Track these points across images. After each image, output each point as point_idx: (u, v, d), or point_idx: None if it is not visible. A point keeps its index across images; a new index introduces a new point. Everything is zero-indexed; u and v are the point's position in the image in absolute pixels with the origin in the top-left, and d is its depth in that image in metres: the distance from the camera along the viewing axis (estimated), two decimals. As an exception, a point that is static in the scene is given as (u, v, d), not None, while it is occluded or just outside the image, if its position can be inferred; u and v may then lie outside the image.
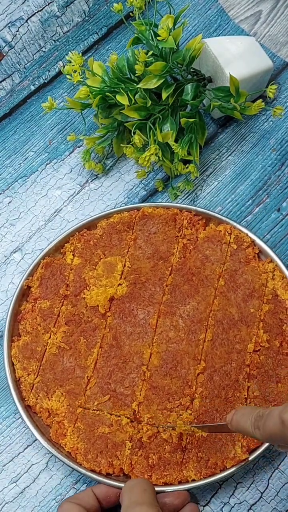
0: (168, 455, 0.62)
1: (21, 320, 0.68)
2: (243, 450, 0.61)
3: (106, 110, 0.73)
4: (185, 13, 0.83)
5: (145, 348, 0.66)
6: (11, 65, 0.82)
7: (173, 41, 0.67)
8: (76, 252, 0.71)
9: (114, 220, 0.72)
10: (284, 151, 0.77)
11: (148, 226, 0.71)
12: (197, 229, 0.71)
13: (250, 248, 0.70)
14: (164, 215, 0.71)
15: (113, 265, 0.69)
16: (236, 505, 0.64)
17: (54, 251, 0.71)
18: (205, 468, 0.62)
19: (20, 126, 0.80)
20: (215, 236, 0.70)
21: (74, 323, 0.67)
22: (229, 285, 0.68)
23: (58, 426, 0.64)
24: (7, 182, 0.77)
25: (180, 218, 0.71)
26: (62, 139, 0.79)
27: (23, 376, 0.66)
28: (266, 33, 0.84)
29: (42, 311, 0.68)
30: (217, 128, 0.79)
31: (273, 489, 0.64)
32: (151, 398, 0.64)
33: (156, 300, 0.68)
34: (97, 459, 0.62)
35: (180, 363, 0.65)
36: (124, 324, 0.67)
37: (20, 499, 0.64)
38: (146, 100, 0.70)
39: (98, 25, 0.84)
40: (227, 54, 0.73)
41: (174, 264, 0.69)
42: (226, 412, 0.63)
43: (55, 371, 0.66)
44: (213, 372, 0.64)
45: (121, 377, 0.65)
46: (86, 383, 0.65)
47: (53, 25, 0.83)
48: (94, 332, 0.67)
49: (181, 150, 0.69)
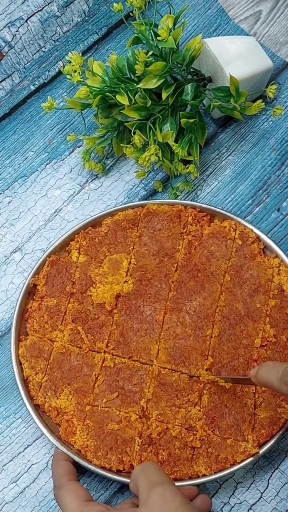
0: (178, 451, 0.62)
1: (28, 318, 0.69)
2: (253, 445, 0.62)
3: (106, 110, 0.73)
4: (185, 13, 0.83)
5: (153, 344, 0.66)
6: (11, 65, 0.82)
7: (173, 41, 0.67)
8: (81, 250, 0.71)
9: (119, 218, 0.72)
10: (284, 151, 0.77)
11: (153, 223, 0.71)
12: (202, 226, 0.71)
13: (255, 243, 0.70)
14: (168, 212, 0.72)
15: (119, 262, 0.70)
16: (236, 505, 0.64)
17: (59, 249, 0.71)
18: (215, 463, 0.62)
19: (20, 126, 0.80)
20: (220, 232, 0.71)
21: (81, 320, 0.68)
22: (234, 281, 0.68)
23: (67, 425, 0.64)
24: (7, 182, 0.77)
25: (185, 214, 0.72)
26: (62, 139, 0.79)
27: (31, 375, 0.66)
28: (266, 33, 0.84)
29: (49, 309, 0.68)
30: (217, 128, 0.79)
31: (273, 489, 0.64)
32: (160, 394, 0.64)
33: (162, 296, 0.68)
34: (107, 456, 0.62)
35: (187, 359, 0.65)
36: (131, 320, 0.67)
37: (20, 499, 0.64)
38: (146, 100, 0.70)
39: (98, 25, 0.84)
40: (227, 54, 0.73)
41: (180, 261, 0.70)
42: (235, 408, 0.63)
43: (62, 369, 0.66)
44: (221, 367, 0.65)
45: (129, 374, 0.65)
46: (94, 381, 0.65)
47: (53, 25, 0.83)
48: (101, 329, 0.67)
49: (181, 150, 0.69)
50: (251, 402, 0.63)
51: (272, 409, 0.63)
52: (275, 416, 0.63)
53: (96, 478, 0.65)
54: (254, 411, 0.63)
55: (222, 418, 0.63)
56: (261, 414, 0.63)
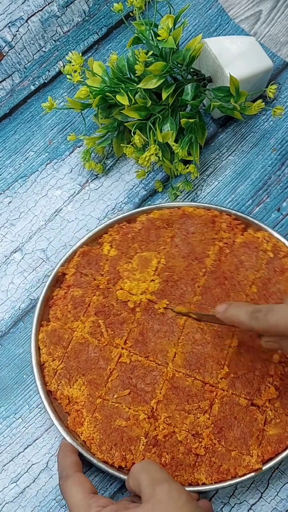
0: (181, 456, 0.62)
1: (52, 305, 0.69)
2: (257, 460, 0.61)
3: (106, 110, 0.73)
4: (185, 13, 0.83)
5: (170, 347, 0.66)
6: (11, 65, 0.82)
7: (173, 41, 0.67)
8: (113, 244, 0.71)
9: (154, 216, 0.72)
10: (284, 151, 0.77)
11: (187, 226, 0.71)
12: (235, 234, 0.71)
13: (287, 258, 0.69)
14: (204, 216, 0.71)
15: (148, 260, 0.70)
16: (236, 505, 0.64)
17: (91, 241, 0.71)
18: (216, 473, 0.61)
19: (20, 126, 0.80)
20: (253, 242, 0.70)
21: (103, 314, 0.68)
22: (261, 293, 0.68)
23: (76, 414, 0.64)
24: (7, 182, 0.77)
25: (219, 220, 0.71)
26: (62, 139, 0.79)
27: (48, 361, 0.66)
28: (266, 33, 0.84)
29: (74, 299, 0.68)
30: (217, 128, 0.79)
31: (273, 489, 0.64)
32: (171, 397, 0.64)
33: (186, 299, 0.68)
34: (111, 451, 0.62)
35: (203, 365, 0.65)
36: (152, 321, 0.67)
37: (20, 499, 0.65)
38: (146, 100, 0.70)
39: (98, 25, 0.84)
40: (227, 54, 0.73)
41: (208, 266, 0.69)
42: (245, 421, 0.63)
43: (79, 359, 0.66)
44: (235, 378, 0.64)
45: (143, 373, 0.65)
46: (108, 375, 0.65)
47: (53, 25, 0.83)
48: (121, 325, 0.67)
49: (181, 150, 0.69)
50: (261, 417, 0.63)
51: (281, 427, 0.62)
52: (283, 435, 0.62)
53: (97, 478, 0.65)
54: (263, 427, 0.63)
55: (230, 430, 0.63)
56: (270, 430, 0.62)
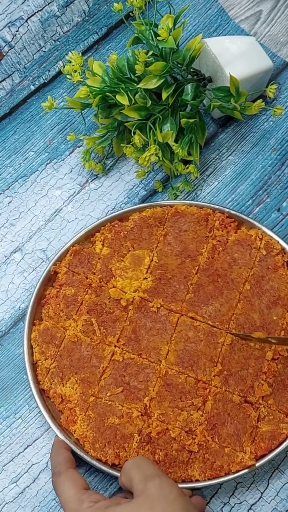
0: (175, 452, 0.62)
1: (45, 304, 0.69)
2: (250, 457, 0.61)
3: (106, 110, 0.73)
4: (185, 13, 0.83)
5: (163, 344, 0.66)
6: (11, 65, 0.82)
7: (173, 41, 0.67)
8: (105, 242, 0.71)
9: (147, 214, 0.72)
10: (284, 151, 0.77)
11: (180, 224, 0.71)
12: (228, 231, 0.71)
13: (280, 255, 0.69)
14: (196, 214, 0.71)
15: (141, 258, 0.70)
16: (236, 505, 0.64)
17: (84, 239, 0.71)
18: (210, 469, 0.62)
19: (20, 126, 0.80)
20: (246, 240, 0.70)
21: (95, 312, 0.68)
22: (254, 290, 0.68)
23: (69, 413, 0.64)
24: (7, 182, 0.77)
25: (213, 218, 0.71)
26: (62, 139, 0.79)
27: (40, 360, 0.66)
28: (266, 33, 0.84)
29: (66, 298, 0.69)
30: (217, 128, 0.79)
31: (273, 489, 0.64)
32: (164, 395, 0.64)
33: (179, 297, 0.68)
34: (105, 449, 0.63)
35: (196, 363, 0.65)
36: (144, 318, 0.67)
37: (20, 499, 0.65)
38: (146, 100, 0.70)
39: (98, 25, 0.84)
40: (227, 54, 0.73)
41: (201, 264, 0.69)
42: (238, 418, 0.63)
43: (72, 358, 0.66)
44: (229, 376, 0.64)
45: (136, 370, 0.65)
46: (101, 373, 0.65)
47: (53, 25, 0.83)
48: (114, 323, 0.67)
49: (181, 150, 0.69)
50: (255, 414, 0.63)
51: (274, 424, 0.63)
52: (277, 431, 0.62)
53: (96, 478, 0.65)
54: (256, 424, 0.63)
55: (223, 426, 0.63)
56: (263, 427, 0.63)
